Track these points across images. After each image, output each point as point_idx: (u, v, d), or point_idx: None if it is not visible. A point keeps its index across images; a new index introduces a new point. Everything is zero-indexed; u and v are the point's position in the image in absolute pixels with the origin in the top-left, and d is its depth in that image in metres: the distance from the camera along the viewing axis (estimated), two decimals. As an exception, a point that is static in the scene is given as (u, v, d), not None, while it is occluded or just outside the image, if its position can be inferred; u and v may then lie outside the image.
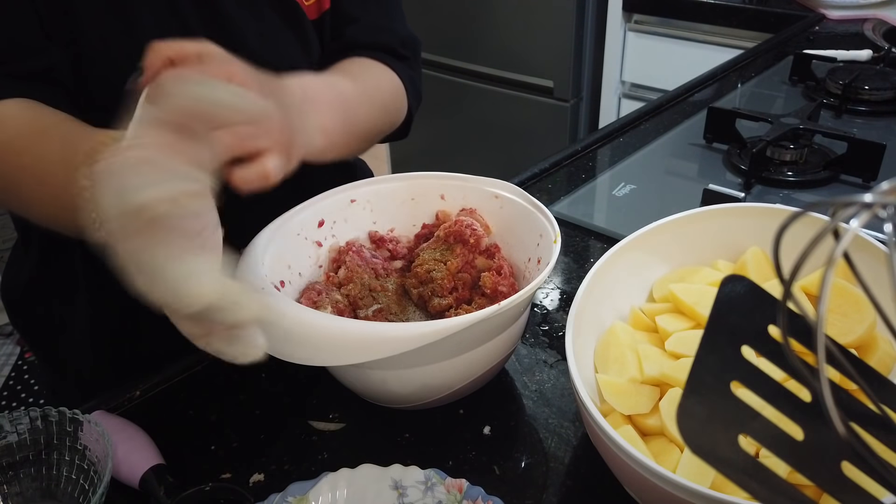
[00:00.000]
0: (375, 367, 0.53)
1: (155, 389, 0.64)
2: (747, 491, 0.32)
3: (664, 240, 0.61)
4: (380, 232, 0.68)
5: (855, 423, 0.33)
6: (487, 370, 0.57)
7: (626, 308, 0.60)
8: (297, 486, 0.51)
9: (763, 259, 0.59)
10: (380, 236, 0.68)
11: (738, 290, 0.38)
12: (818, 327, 0.28)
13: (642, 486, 0.43)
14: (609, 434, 0.43)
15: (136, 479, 0.52)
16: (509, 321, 0.55)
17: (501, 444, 0.57)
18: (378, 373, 0.54)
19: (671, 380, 0.51)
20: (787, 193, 0.91)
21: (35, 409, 0.53)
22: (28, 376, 2.17)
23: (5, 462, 0.53)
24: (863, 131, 1.00)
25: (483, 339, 0.54)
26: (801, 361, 0.30)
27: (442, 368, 0.54)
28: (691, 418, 0.34)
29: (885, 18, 1.51)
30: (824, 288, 0.27)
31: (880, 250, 0.53)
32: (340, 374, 0.58)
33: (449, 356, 0.53)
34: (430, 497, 0.50)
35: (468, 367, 0.55)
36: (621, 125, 1.10)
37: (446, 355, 0.53)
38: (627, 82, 2.02)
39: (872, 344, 0.52)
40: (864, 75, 1.14)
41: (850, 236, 0.27)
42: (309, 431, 0.59)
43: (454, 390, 0.57)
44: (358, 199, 0.67)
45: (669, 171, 0.99)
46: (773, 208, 0.61)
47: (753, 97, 1.21)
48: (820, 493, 0.42)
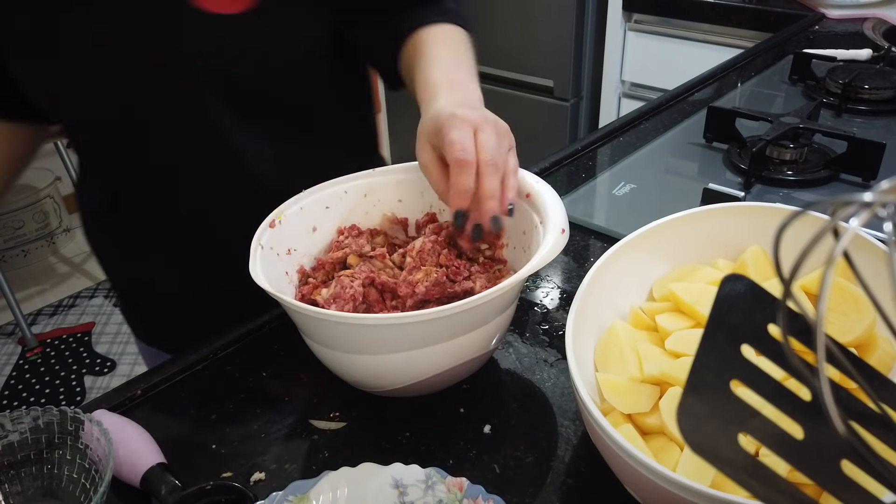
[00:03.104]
0: (361, 351, 0.55)
1: (156, 389, 0.64)
2: (747, 489, 0.33)
3: (664, 239, 0.61)
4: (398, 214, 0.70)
5: (855, 421, 0.33)
6: (471, 359, 0.58)
7: (626, 307, 0.60)
8: (298, 484, 0.51)
9: (763, 258, 0.59)
10: (397, 218, 0.70)
11: (737, 289, 0.38)
12: (818, 326, 0.28)
13: (642, 485, 0.44)
14: (609, 433, 0.43)
15: (138, 478, 0.53)
16: (494, 311, 0.56)
17: (502, 442, 0.57)
18: (361, 357, 0.55)
19: (671, 379, 0.51)
20: (786, 193, 0.91)
21: (36, 409, 0.53)
22: (29, 376, 2.17)
23: (7, 461, 0.53)
24: (862, 130, 1.00)
25: (468, 328, 0.55)
26: (801, 360, 0.30)
27: (425, 354, 0.55)
28: (691, 417, 0.34)
29: (885, 18, 1.51)
30: (824, 287, 0.27)
31: (880, 249, 0.53)
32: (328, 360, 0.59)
33: (434, 342, 0.54)
34: (430, 496, 0.50)
35: (450, 355, 0.56)
36: (621, 125, 1.10)
37: (431, 341, 0.54)
38: (627, 82, 2.02)
39: (872, 343, 0.52)
40: (863, 74, 1.14)
41: (850, 235, 0.27)
42: (309, 430, 0.59)
43: (434, 376, 0.57)
44: (349, 191, 0.68)
45: (669, 171, 0.99)
46: (773, 207, 0.61)
47: (753, 96, 1.21)
48: (820, 491, 0.42)
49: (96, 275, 2.64)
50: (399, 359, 0.54)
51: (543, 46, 2.14)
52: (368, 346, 0.54)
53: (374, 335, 0.53)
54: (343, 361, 0.57)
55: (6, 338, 2.35)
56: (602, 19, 2.01)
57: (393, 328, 0.52)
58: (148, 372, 0.66)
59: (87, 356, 2.25)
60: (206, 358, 0.67)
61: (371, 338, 0.53)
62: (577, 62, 2.13)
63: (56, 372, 2.19)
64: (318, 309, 0.53)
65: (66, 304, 2.50)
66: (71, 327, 2.38)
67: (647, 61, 1.94)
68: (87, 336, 2.34)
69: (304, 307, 0.52)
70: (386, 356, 0.54)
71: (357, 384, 0.60)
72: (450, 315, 0.51)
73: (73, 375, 2.17)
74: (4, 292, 2.20)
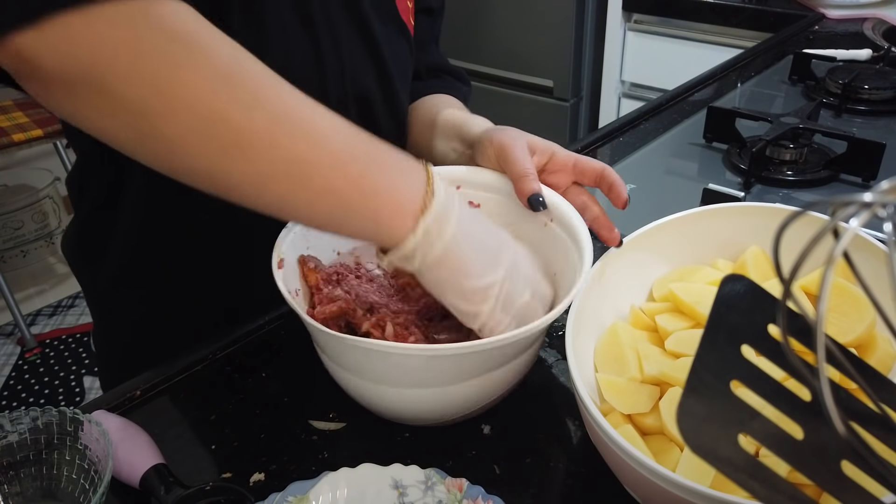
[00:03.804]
0: (386, 382, 0.53)
1: (155, 389, 0.64)
2: (747, 490, 0.33)
3: (664, 239, 0.61)
4: None
5: (855, 422, 0.33)
6: (501, 392, 0.56)
7: (626, 307, 0.60)
8: (298, 485, 0.51)
9: (763, 258, 0.59)
10: None
11: (737, 290, 0.38)
12: (818, 326, 0.28)
13: (642, 486, 0.44)
14: (609, 433, 0.43)
15: (137, 479, 0.52)
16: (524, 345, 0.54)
17: (501, 443, 0.57)
18: (387, 389, 0.53)
19: (671, 379, 0.51)
20: (786, 193, 0.91)
21: (35, 409, 0.53)
22: (28, 376, 2.17)
23: (6, 462, 0.53)
24: (862, 131, 1.00)
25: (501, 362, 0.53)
26: (801, 360, 0.30)
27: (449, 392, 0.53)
28: (691, 417, 0.34)
29: (885, 18, 1.51)
30: (824, 287, 0.27)
31: (880, 249, 0.53)
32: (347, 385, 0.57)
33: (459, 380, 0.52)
34: (430, 496, 0.50)
35: (478, 391, 0.54)
36: (621, 125, 1.10)
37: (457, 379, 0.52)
38: (627, 82, 2.02)
39: (872, 343, 0.52)
40: (863, 75, 1.14)
41: (850, 235, 0.27)
42: (309, 431, 0.59)
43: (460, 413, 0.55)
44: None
45: (669, 171, 0.99)
46: (773, 207, 0.61)
47: (753, 97, 1.21)
48: (820, 492, 0.42)
49: (96, 275, 2.64)
50: (433, 393, 0.52)
51: (543, 46, 2.14)
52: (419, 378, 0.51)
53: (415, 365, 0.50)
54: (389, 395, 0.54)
55: (5, 338, 2.35)
56: (602, 19, 2.01)
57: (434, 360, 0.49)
58: (147, 372, 0.66)
59: (86, 356, 2.25)
60: (206, 358, 0.67)
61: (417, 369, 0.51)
62: (577, 62, 2.13)
63: (55, 372, 2.19)
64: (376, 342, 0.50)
65: (66, 305, 2.50)
66: (70, 328, 2.38)
67: (646, 61, 1.94)
68: (86, 336, 2.34)
69: (350, 338, 0.49)
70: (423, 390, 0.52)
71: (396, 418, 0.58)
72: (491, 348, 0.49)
73: (72, 376, 2.17)
74: (3, 293, 2.20)
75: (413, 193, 0.48)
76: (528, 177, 0.60)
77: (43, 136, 2.19)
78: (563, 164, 0.64)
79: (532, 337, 0.53)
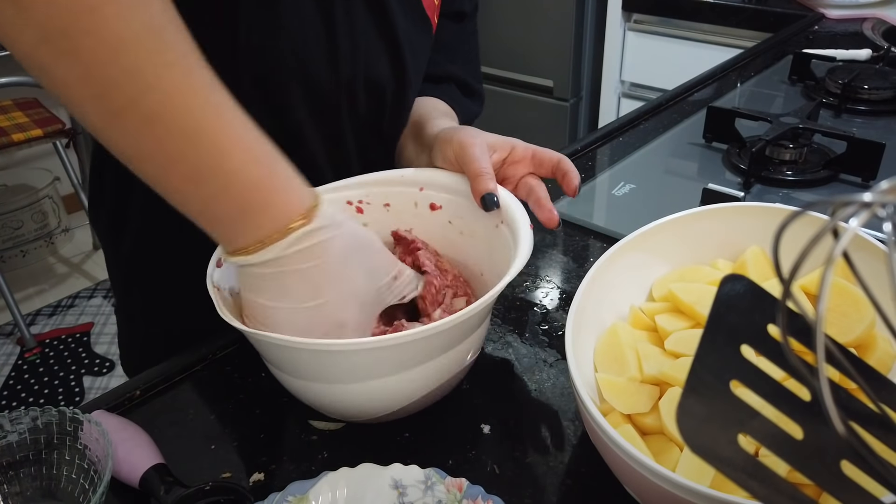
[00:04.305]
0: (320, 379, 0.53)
1: (155, 389, 0.64)
2: (747, 490, 0.33)
3: (664, 239, 0.61)
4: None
5: (854, 422, 0.33)
6: (441, 385, 0.56)
7: (626, 307, 0.60)
8: (297, 485, 0.51)
9: (763, 258, 0.59)
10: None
11: (737, 290, 0.38)
12: (817, 326, 0.28)
13: (642, 486, 0.44)
14: (608, 433, 0.43)
15: (137, 479, 0.52)
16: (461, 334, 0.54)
17: (501, 443, 0.57)
18: (323, 386, 0.53)
19: (671, 379, 0.51)
20: (786, 193, 0.91)
21: (35, 409, 0.53)
22: (28, 376, 2.17)
23: (5, 461, 0.53)
24: (862, 130, 1.00)
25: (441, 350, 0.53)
26: (801, 360, 0.30)
27: (391, 382, 0.53)
28: (691, 417, 0.34)
29: (885, 18, 1.51)
30: (824, 287, 0.27)
31: (880, 249, 0.53)
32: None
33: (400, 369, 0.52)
34: (429, 496, 0.50)
35: (418, 381, 0.54)
36: (621, 125, 1.10)
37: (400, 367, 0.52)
38: (627, 82, 2.02)
39: (872, 343, 0.52)
40: (863, 75, 1.14)
41: (850, 235, 0.27)
42: (309, 431, 0.59)
43: (402, 407, 0.55)
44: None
45: (669, 171, 0.99)
46: (773, 207, 0.61)
47: (753, 97, 1.21)
48: (819, 492, 0.42)
49: (95, 275, 2.64)
50: (374, 386, 0.52)
51: (543, 46, 2.15)
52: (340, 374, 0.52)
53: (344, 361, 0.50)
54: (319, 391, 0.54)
55: (5, 338, 2.35)
56: (602, 19, 2.01)
57: (368, 353, 0.49)
58: (147, 372, 0.66)
59: (85, 356, 2.25)
60: (205, 358, 0.67)
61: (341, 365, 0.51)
62: (577, 62, 2.14)
63: (55, 372, 2.19)
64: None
65: (65, 305, 2.50)
66: (70, 328, 2.38)
67: (646, 61, 1.94)
68: (85, 336, 2.34)
69: (269, 335, 0.49)
70: (361, 384, 0.52)
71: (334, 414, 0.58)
72: (434, 333, 0.49)
73: (71, 376, 2.17)
74: (3, 293, 2.20)
75: (298, 203, 0.48)
76: (484, 176, 0.61)
77: (43, 136, 2.19)
78: (522, 156, 0.66)
79: (452, 332, 0.52)
